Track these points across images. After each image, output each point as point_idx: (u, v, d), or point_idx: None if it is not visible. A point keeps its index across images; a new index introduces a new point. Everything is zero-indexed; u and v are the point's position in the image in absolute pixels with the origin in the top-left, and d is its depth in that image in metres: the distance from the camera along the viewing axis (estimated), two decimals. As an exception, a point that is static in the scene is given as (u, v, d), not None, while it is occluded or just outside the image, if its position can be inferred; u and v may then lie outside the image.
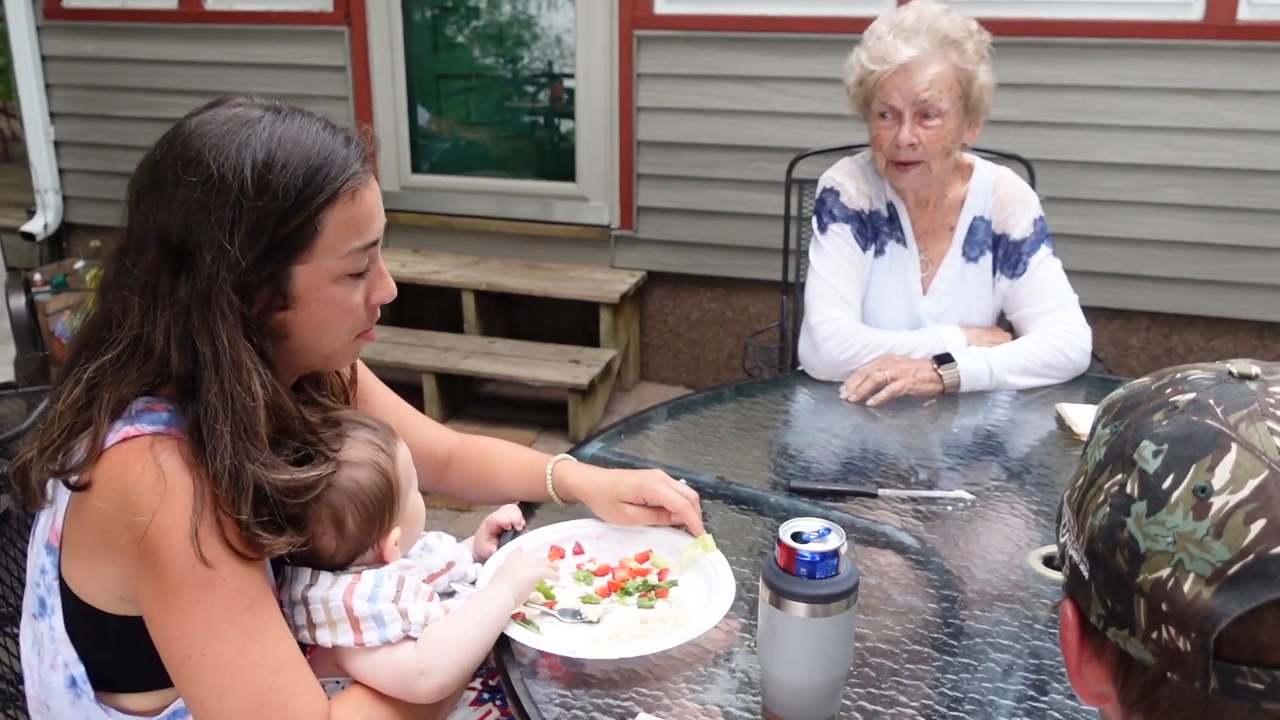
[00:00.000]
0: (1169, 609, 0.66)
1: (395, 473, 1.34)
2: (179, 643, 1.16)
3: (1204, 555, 0.65)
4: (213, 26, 4.82)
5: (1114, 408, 0.75)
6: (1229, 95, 3.70)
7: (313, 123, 1.24)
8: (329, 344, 1.31)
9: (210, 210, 1.16)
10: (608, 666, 1.34)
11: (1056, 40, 3.81)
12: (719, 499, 1.77)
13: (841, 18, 3.88)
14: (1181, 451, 0.68)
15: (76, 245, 5.37)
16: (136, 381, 1.18)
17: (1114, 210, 3.92)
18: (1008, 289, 2.29)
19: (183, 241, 1.17)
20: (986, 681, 1.32)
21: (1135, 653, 0.69)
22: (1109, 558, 0.70)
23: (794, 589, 1.17)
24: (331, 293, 1.26)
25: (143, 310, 1.17)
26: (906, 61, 2.06)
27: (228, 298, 1.17)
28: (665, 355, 4.66)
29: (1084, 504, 0.73)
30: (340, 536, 1.29)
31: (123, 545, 1.14)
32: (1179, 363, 2.92)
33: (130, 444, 1.15)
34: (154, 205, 1.18)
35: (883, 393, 2.11)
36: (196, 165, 1.17)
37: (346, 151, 1.24)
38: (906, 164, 2.14)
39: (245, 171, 1.17)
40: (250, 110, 1.22)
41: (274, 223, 1.18)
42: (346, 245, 1.24)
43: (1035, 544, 1.63)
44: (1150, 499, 0.68)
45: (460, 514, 3.51)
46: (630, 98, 4.32)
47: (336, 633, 1.25)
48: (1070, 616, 0.75)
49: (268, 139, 1.19)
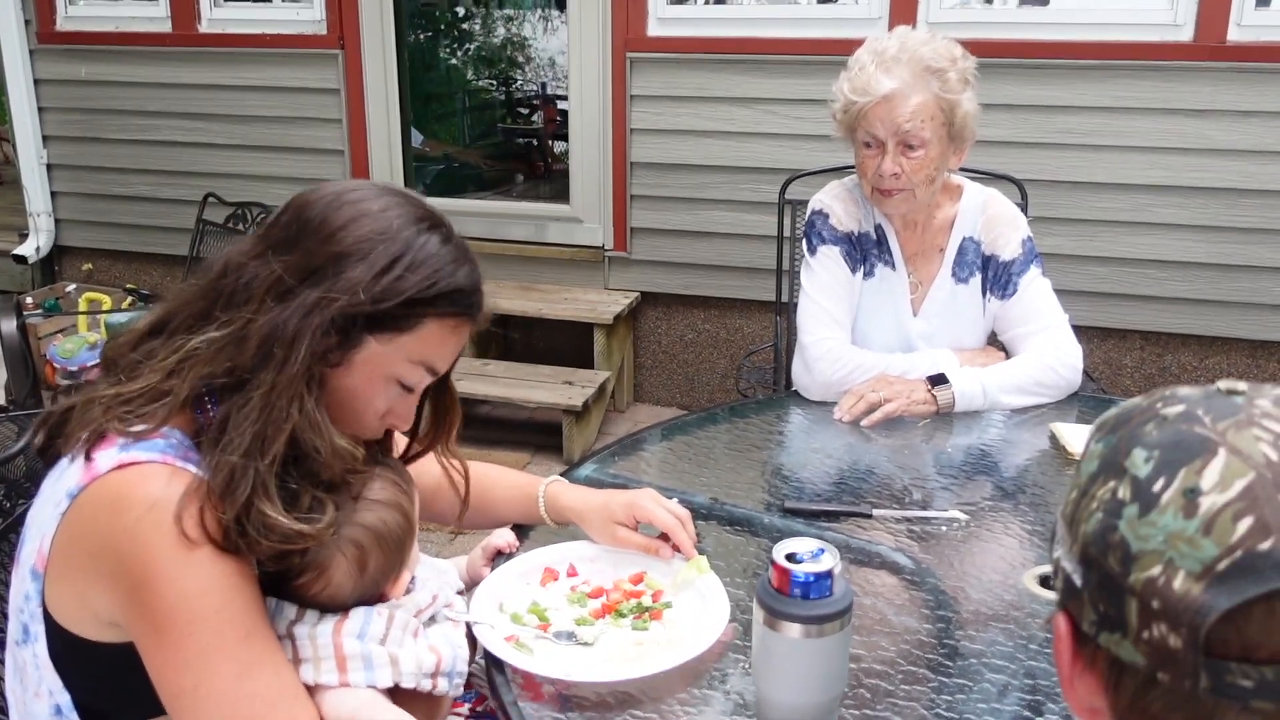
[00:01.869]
0: (1160, 606, 0.68)
1: (414, 516, 1.33)
2: (174, 674, 1.14)
3: (1194, 553, 0.67)
4: (206, 50, 4.84)
5: (1107, 424, 0.78)
6: (1220, 116, 3.73)
7: (463, 247, 1.31)
8: (337, 420, 1.29)
9: (373, 249, 1.21)
10: (602, 689, 1.33)
11: (1048, 62, 3.84)
12: (713, 520, 1.76)
13: (833, 39, 3.91)
14: (1172, 456, 0.70)
15: (69, 268, 5.36)
16: (223, 365, 1.19)
17: (1106, 230, 3.93)
18: (998, 310, 2.29)
19: (331, 260, 1.21)
20: (982, 702, 1.31)
21: (1127, 656, 0.70)
22: (1101, 561, 0.72)
23: (788, 610, 1.17)
24: (376, 383, 1.28)
25: (260, 302, 1.20)
26: (888, 93, 2.06)
27: (329, 323, 1.20)
28: (659, 376, 4.66)
29: (1076, 514, 0.75)
30: (360, 577, 1.26)
31: (114, 570, 1.12)
32: (1173, 382, 2.91)
33: (128, 471, 1.14)
34: (325, 218, 1.23)
35: (877, 414, 2.10)
36: (374, 219, 1.23)
37: (481, 295, 1.32)
38: (890, 191, 2.16)
39: (420, 240, 1.24)
40: (421, 225, 1.28)
41: (408, 293, 1.23)
42: (421, 356, 1.28)
43: (1030, 564, 1.62)
44: (1142, 501, 0.70)
45: (452, 540, 3.50)
46: (623, 119, 4.34)
47: (320, 670, 1.22)
48: (1063, 629, 0.77)
49: (452, 229, 1.30)
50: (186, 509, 1.12)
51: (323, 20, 4.66)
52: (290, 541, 1.18)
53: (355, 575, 1.26)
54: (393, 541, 1.28)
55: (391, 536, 1.28)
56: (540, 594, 1.54)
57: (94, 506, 1.14)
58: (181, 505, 1.12)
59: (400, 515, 1.30)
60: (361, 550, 1.25)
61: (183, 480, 1.15)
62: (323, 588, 1.25)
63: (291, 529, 1.17)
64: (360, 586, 1.27)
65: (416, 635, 1.32)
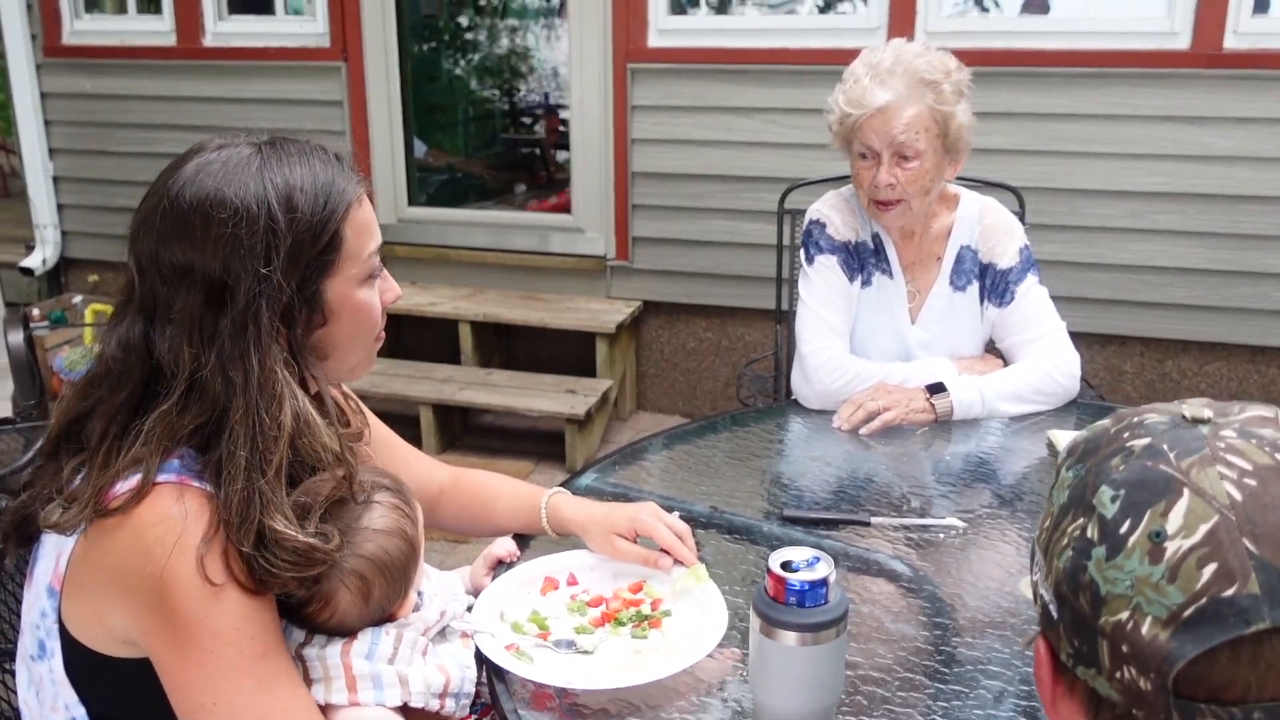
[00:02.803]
0: (1129, 650, 0.69)
1: (418, 538, 1.34)
2: (191, 691, 1.15)
3: (1160, 599, 0.68)
4: (211, 63, 4.87)
5: (1076, 450, 0.79)
6: (1217, 122, 3.74)
7: (304, 146, 1.29)
8: (357, 352, 1.35)
9: (243, 242, 1.19)
10: (602, 697, 1.35)
11: (1046, 70, 3.85)
12: (712, 528, 1.78)
13: (832, 49, 3.93)
14: (1137, 497, 0.71)
15: (75, 280, 5.39)
16: (190, 424, 1.19)
17: (1105, 237, 3.95)
18: (996, 317, 2.31)
19: (220, 279, 1.19)
20: (978, 709, 1.33)
21: (1103, 691, 0.72)
22: (1073, 600, 0.73)
23: (784, 618, 1.18)
24: (359, 299, 1.30)
25: (193, 356, 1.18)
26: (882, 105, 2.08)
27: (270, 323, 1.20)
28: (662, 385, 4.68)
29: (1050, 546, 0.77)
30: (365, 606, 1.28)
31: (134, 588, 1.14)
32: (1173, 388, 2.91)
33: (150, 489, 1.16)
34: (182, 250, 1.19)
35: (875, 422, 2.12)
36: (220, 204, 1.19)
37: (340, 165, 1.30)
38: (887, 203, 2.17)
39: (270, 200, 1.21)
40: (242, 148, 1.25)
41: (308, 242, 1.23)
42: (365, 249, 1.30)
43: (1026, 571, 1.63)
44: (1109, 544, 0.71)
45: (458, 546, 3.51)
46: (625, 129, 4.36)
47: (331, 690, 1.24)
48: (1043, 653, 0.78)
49: (279, 166, 1.24)
50: (208, 553, 1.13)
51: (326, 33, 4.69)
52: (305, 559, 1.18)
53: (360, 605, 1.27)
54: (396, 569, 1.29)
55: (394, 565, 1.29)
56: (540, 603, 1.56)
57: (112, 527, 1.15)
58: (203, 548, 1.13)
59: (402, 541, 1.31)
60: (364, 581, 1.26)
61: (195, 499, 1.16)
62: (329, 616, 1.26)
63: (304, 542, 1.18)
64: (366, 614, 1.29)
65: (425, 654, 1.33)
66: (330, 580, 1.24)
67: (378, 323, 1.35)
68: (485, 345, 4.56)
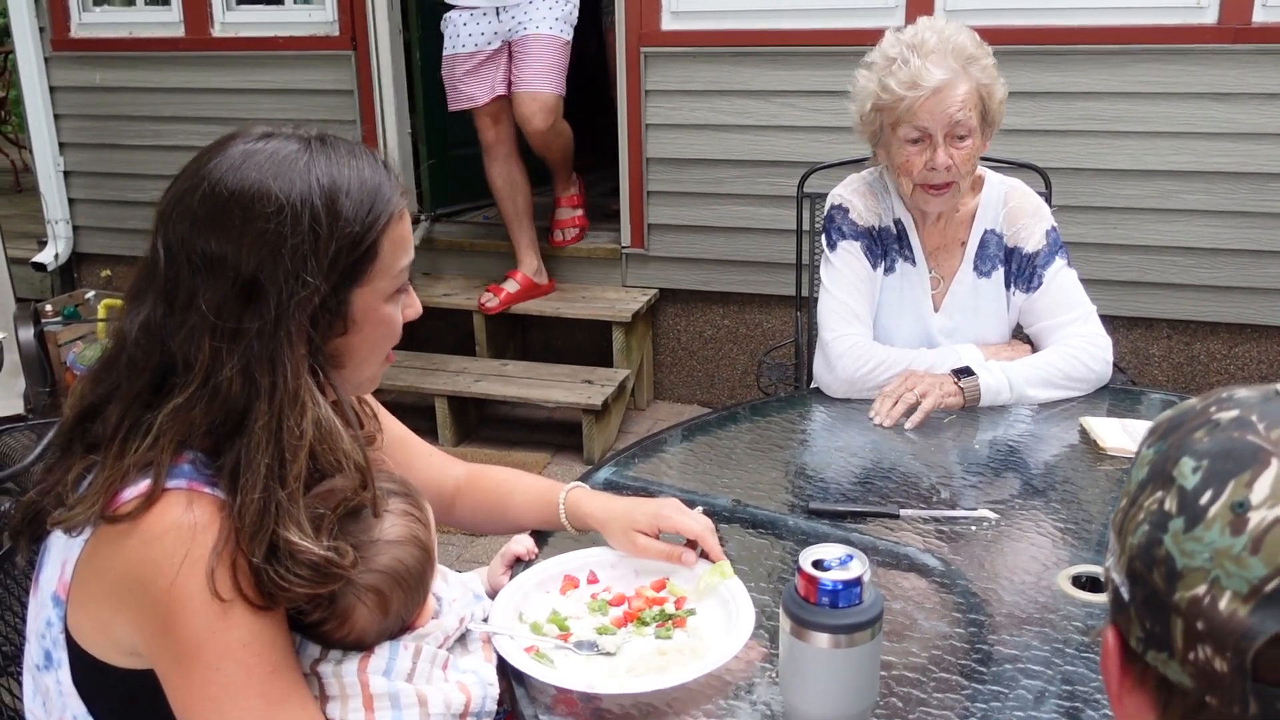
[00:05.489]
0: (1205, 627, 0.65)
1: (431, 541, 1.30)
2: (199, 709, 1.11)
3: (1240, 572, 0.64)
4: (220, 53, 4.83)
5: (1159, 429, 0.75)
6: (1245, 99, 3.66)
7: (354, 147, 1.25)
8: (370, 366, 1.30)
9: (284, 241, 1.14)
10: (625, 701, 1.30)
11: (1069, 48, 3.78)
12: (736, 522, 1.72)
13: (849, 30, 3.85)
14: (1221, 467, 0.67)
15: (87, 275, 5.37)
16: (201, 422, 1.14)
17: (1131, 218, 3.87)
18: (1024, 303, 2.24)
19: (254, 275, 1.14)
20: (1019, 710, 1.27)
21: (1174, 677, 0.67)
22: (1146, 576, 0.69)
23: (816, 619, 1.13)
24: (383, 312, 1.26)
25: (213, 351, 1.13)
26: (938, 84, 2.02)
27: (299, 328, 1.16)
28: (679, 373, 4.63)
29: (1125, 524, 0.72)
30: (384, 619, 1.23)
31: (140, 601, 1.10)
32: (1201, 371, 2.86)
33: (159, 496, 1.11)
34: (217, 240, 1.14)
35: (917, 414, 2.05)
36: (264, 198, 1.15)
37: (388, 175, 1.26)
38: (940, 187, 2.11)
39: (315, 200, 1.16)
40: (290, 141, 1.21)
41: (346, 249, 1.18)
42: (398, 264, 1.25)
43: (1064, 563, 1.58)
44: (1188, 515, 0.67)
45: (474, 541, 3.47)
46: (639, 114, 4.30)
47: (347, 709, 1.19)
48: (1111, 643, 0.74)
49: (327, 166, 1.19)
50: (218, 566, 1.09)
51: (335, 21, 4.64)
52: (320, 575, 1.14)
53: (379, 619, 1.23)
54: (413, 579, 1.25)
55: (411, 575, 1.25)
56: (560, 602, 1.51)
57: (118, 534, 1.11)
58: (213, 560, 1.09)
59: (416, 549, 1.26)
60: (382, 596, 1.22)
61: (204, 508, 1.12)
62: (347, 633, 1.22)
63: (320, 555, 1.13)
64: (385, 628, 1.25)
65: (445, 667, 1.29)
66: (346, 597, 1.20)
67: (397, 338, 1.31)
68: (500, 336, 4.52)
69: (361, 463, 1.23)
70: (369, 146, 1.28)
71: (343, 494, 1.21)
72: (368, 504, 1.23)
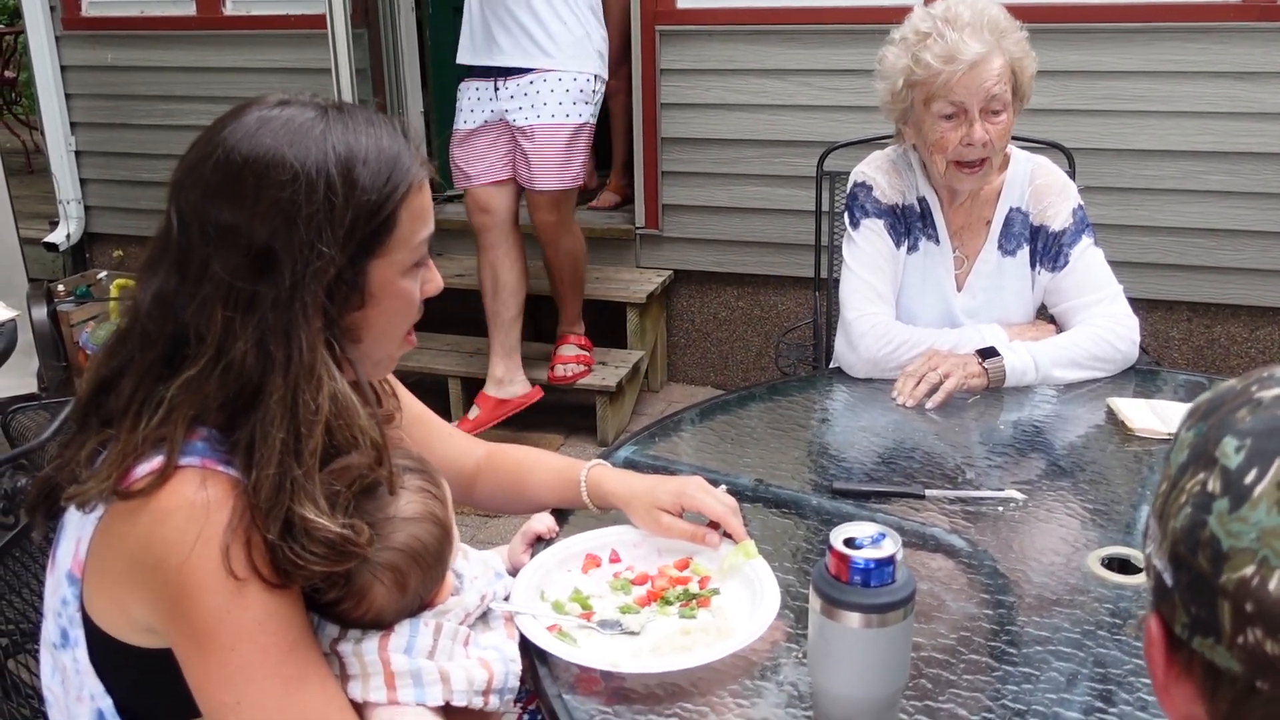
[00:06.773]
0: (1254, 609, 0.62)
1: (449, 518, 1.28)
2: (215, 689, 1.09)
3: None
4: (231, 32, 4.80)
5: (1199, 410, 0.73)
6: (1271, 78, 3.60)
7: (372, 115, 1.22)
8: (387, 345, 1.28)
9: (298, 211, 1.11)
10: (649, 680, 1.28)
11: (1093, 26, 3.73)
12: (758, 502, 1.70)
13: (868, 7, 3.79)
14: (1265, 445, 0.64)
15: (99, 255, 5.36)
16: (216, 396, 1.12)
17: (1153, 198, 3.82)
18: (1049, 282, 2.21)
19: (267, 245, 1.11)
20: (1050, 692, 1.25)
21: (1222, 663, 0.65)
22: (1191, 560, 0.66)
23: (848, 598, 1.10)
24: (401, 286, 1.23)
25: (226, 321, 1.11)
26: (975, 58, 1.99)
27: (314, 300, 1.13)
28: (693, 355, 4.60)
29: (1166, 508, 0.70)
30: (402, 597, 1.21)
31: (153, 579, 1.08)
32: (1222, 354, 2.82)
33: (173, 473, 1.09)
34: (230, 209, 1.12)
35: (939, 394, 2.02)
36: (279, 165, 1.12)
37: (407, 144, 1.22)
38: (975, 163, 2.08)
39: (331, 169, 1.13)
40: (307, 109, 1.18)
41: (363, 219, 1.16)
42: (416, 236, 1.22)
43: (1093, 545, 1.55)
44: (1233, 495, 0.65)
45: (489, 520, 3.46)
46: (654, 94, 4.26)
47: (369, 687, 1.17)
48: (1155, 632, 0.72)
49: (344, 134, 1.16)
50: (233, 543, 1.07)
51: (347, -1, 4.60)
52: (336, 552, 1.11)
53: (396, 597, 1.21)
54: (431, 556, 1.23)
55: (429, 552, 1.22)
56: (582, 581, 1.49)
57: (131, 511, 1.09)
58: (227, 538, 1.07)
59: (434, 525, 1.24)
60: (399, 573, 1.20)
61: (218, 485, 1.09)
62: (364, 612, 1.20)
63: (336, 533, 1.11)
64: (403, 606, 1.23)
65: (467, 643, 1.27)
66: (363, 576, 1.18)
67: (415, 313, 1.28)
68: (513, 317, 4.48)
69: (378, 439, 1.20)
70: (389, 116, 1.24)
71: (358, 470, 1.18)
72: (384, 481, 1.21)
